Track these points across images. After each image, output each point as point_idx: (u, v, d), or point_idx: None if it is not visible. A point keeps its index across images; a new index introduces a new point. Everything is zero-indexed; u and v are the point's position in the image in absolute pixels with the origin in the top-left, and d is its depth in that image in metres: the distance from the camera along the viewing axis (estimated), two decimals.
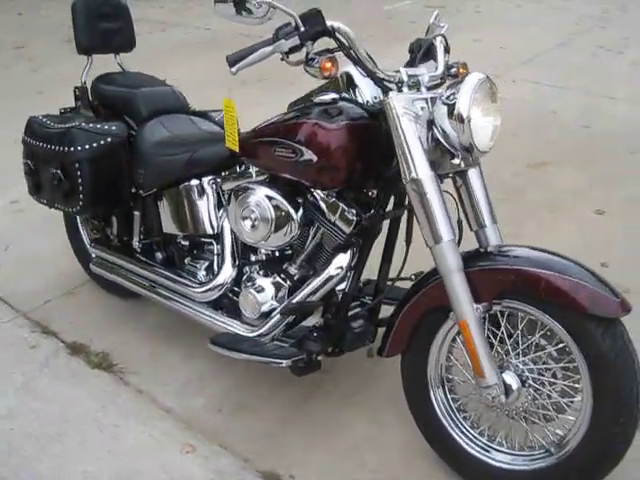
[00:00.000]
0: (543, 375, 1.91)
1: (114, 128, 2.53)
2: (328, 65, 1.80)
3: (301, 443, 2.27)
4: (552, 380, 1.90)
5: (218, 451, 2.24)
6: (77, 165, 2.48)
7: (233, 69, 1.86)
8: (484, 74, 1.89)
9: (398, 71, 1.96)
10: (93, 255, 2.83)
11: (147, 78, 2.81)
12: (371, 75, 1.93)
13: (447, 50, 2.22)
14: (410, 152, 1.86)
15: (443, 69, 2.11)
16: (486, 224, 2.03)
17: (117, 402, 2.46)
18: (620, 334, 1.78)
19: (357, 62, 1.90)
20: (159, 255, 2.63)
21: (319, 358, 2.19)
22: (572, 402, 1.90)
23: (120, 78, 2.76)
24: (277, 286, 2.25)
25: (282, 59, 1.86)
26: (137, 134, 2.55)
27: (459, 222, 2.07)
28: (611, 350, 1.76)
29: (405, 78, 1.95)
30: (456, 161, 1.93)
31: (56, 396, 2.49)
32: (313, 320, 2.26)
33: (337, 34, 1.86)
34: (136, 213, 2.63)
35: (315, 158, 2.01)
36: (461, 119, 1.81)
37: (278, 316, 2.21)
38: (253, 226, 2.18)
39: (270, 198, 2.14)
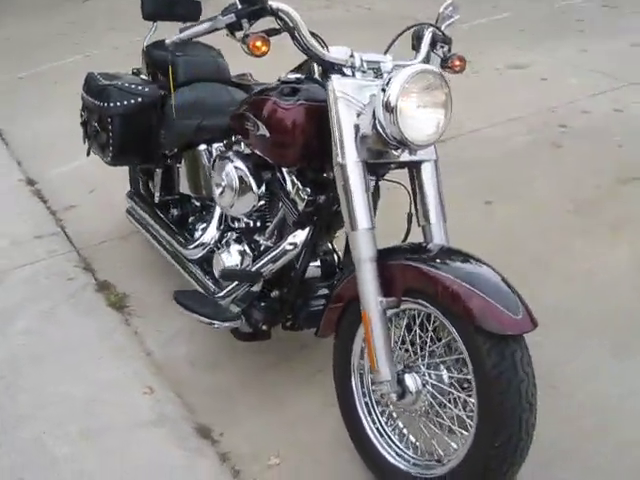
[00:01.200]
0: (442, 383, 1.84)
1: (147, 89, 2.74)
2: (258, 44, 1.84)
3: (247, 407, 2.36)
4: (450, 390, 1.83)
5: (171, 398, 2.40)
6: (109, 119, 2.72)
7: (167, 41, 1.96)
8: (429, 66, 1.85)
9: (352, 56, 1.96)
10: (127, 205, 3.09)
11: (200, 47, 2.97)
12: (315, 57, 1.94)
13: (446, 42, 2.18)
14: (341, 137, 1.87)
15: (422, 59, 2.08)
16: (432, 221, 1.99)
17: (113, 338, 2.70)
18: (510, 352, 1.68)
19: (300, 43, 1.92)
20: (174, 212, 2.82)
21: (264, 327, 2.26)
22: (470, 416, 1.82)
23: (183, 47, 2.95)
24: (243, 254, 2.34)
25: (226, 35, 1.93)
26: (167, 97, 2.73)
27: (409, 215, 2.05)
28: (495, 367, 1.68)
29: (358, 63, 1.95)
30: (395, 152, 1.91)
31: (68, 324, 2.78)
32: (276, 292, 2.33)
33: (280, 14, 1.89)
34: (157, 171, 2.83)
35: (268, 134, 2.08)
36: (389, 109, 1.78)
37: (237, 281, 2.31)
38: (222, 192, 2.29)
39: (237, 169, 2.24)
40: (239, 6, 1.86)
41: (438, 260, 1.81)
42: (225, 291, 2.33)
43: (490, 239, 3.09)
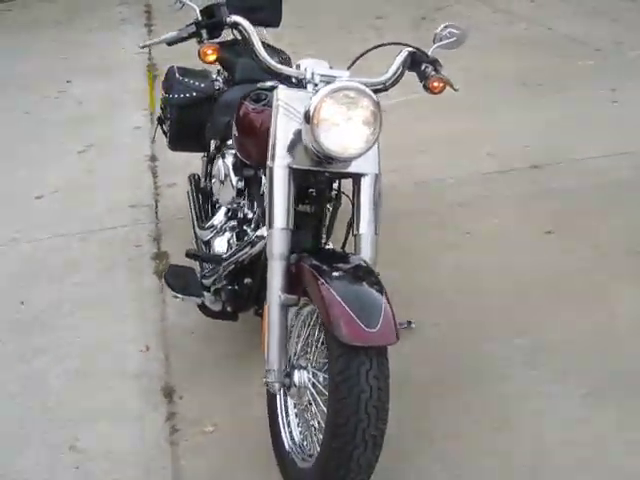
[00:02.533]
0: (319, 383, 1.95)
1: (202, 85, 3.05)
2: (208, 52, 2.07)
3: (218, 379, 2.60)
4: (324, 391, 1.93)
5: (159, 358, 2.71)
6: (170, 109, 3.08)
7: (140, 44, 2.23)
8: (353, 84, 1.94)
9: (305, 69, 2.11)
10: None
11: (270, 51, 3.21)
12: (266, 68, 2.11)
13: (430, 62, 2.25)
14: (274, 142, 2.04)
15: (389, 77, 2.18)
16: (362, 231, 2.08)
17: (143, 300, 3.06)
18: (357, 363, 1.75)
19: (253, 55, 2.11)
20: (210, 198, 3.11)
21: (228, 309, 2.47)
22: None
23: (240, 47, 3.24)
24: (229, 241, 2.57)
25: (198, 42, 2.16)
26: (219, 95, 3.02)
27: (349, 224, 2.16)
28: (339, 374, 1.77)
29: (308, 76, 2.09)
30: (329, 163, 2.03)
31: (115, 282, 3.19)
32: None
33: (237, 27, 2.10)
34: (204, 159, 3.13)
35: (237, 133, 2.30)
36: (308, 120, 1.92)
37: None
38: (214, 183, 2.54)
39: (224, 164, 2.48)
40: (199, 18, 2.09)
41: (330, 268, 1.92)
42: (206, 271, 2.57)
43: (531, 266, 3.11)
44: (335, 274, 1.89)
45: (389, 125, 4.63)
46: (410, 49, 2.25)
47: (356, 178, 2.11)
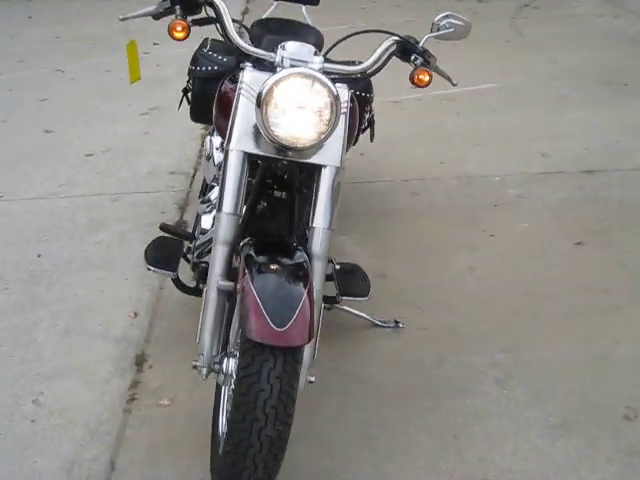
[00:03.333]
0: None
1: (225, 60, 3.02)
2: (177, 28, 2.03)
3: (192, 352, 2.59)
4: None
5: (142, 326, 2.75)
6: (192, 80, 3.08)
7: (120, 16, 2.21)
8: (310, 71, 1.87)
9: (275, 52, 2.05)
10: None
11: (298, 29, 3.16)
12: (236, 49, 2.07)
13: (420, 54, 2.15)
14: (232, 124, 2.00)
15: (369, 64, 2.10)
16: (315, 225, 2.02)
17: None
18: (260, 360, 1.71)
19: (224, 34, 2.06)
20: None
21: (200, 286, 2.46)
22: None
23: (273, 24, 3.19)
24: (214, 218, 2.56)
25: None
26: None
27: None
28: (243, 369, 1.73)
29: (278, 59, 2.03)
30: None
31: (129, 246, 3.26)
32: None
33: (213, 6, 2.05)
34: None
35: (215, 111, 2.28)
36: (258, 103, 1.87)
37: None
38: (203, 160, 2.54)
39: (210, 142, 2.47)
40: None
41: (264, 260, 1.87)
42: (192, 246, 2.58)
43: (546, 278, 2.95)
44: (264, 267, 1.84)
45: (449, 114, 4.56)
46: (396, 38, 2.14)
47: (319, 170, 2.03)
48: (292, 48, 2.08)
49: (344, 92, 2.03)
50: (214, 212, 2.55)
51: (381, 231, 3.35)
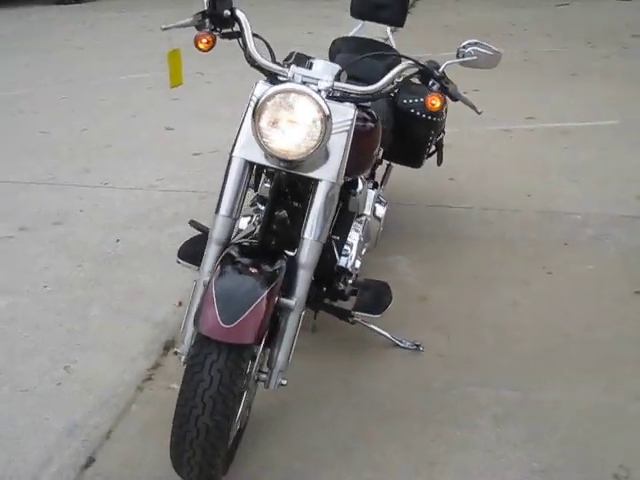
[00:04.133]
0: None
1: None
2: (203, 40, 2.19)
3: None
4: None
5: (181, 315, 2.92)
6: None
7: (163, 26, 2.37)
8: (300, 87, 1.96)
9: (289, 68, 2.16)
10: None
11: (375, 49, 3.23)
12: (255, 64, 2.19)
13: (437, 79, 2.18)
14: (238, 133, 2.14)
15: (377, 87, 2.15)
16: (305, 236, 2.10)
17: None
18: (205, 352, 1.82)
19: (244, 48, 2.19)
20: None
21: None
22: None
23: (350, 43, 3.29)
24: (248, 222, 2.69)
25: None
26: None
27: None
28: (190, 359, 1.86)
29: (290, 75, 2.14)
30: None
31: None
32: None
33: (238, 21, 2.19)
34: None
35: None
36: (253, 114, 2.00)
37: None
38: None
39: None
40: (206, 8, 2.22)
41: (237, 260, 1.99)
42: None
43: (589, 325, 2.83)
44: (232, 266, 1.96)
45: (557, 147, 4.42)
46: (410, 62, 2.18)
47: (316, 183, 2.11)
48: (317, 66, 2.19)
49: (349, 111, 2.09)
50: (249, 216, 2.70)
51: (440, 255, 3.34)
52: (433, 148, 3.30)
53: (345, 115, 2.09)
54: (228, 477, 2.12)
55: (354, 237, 2.71)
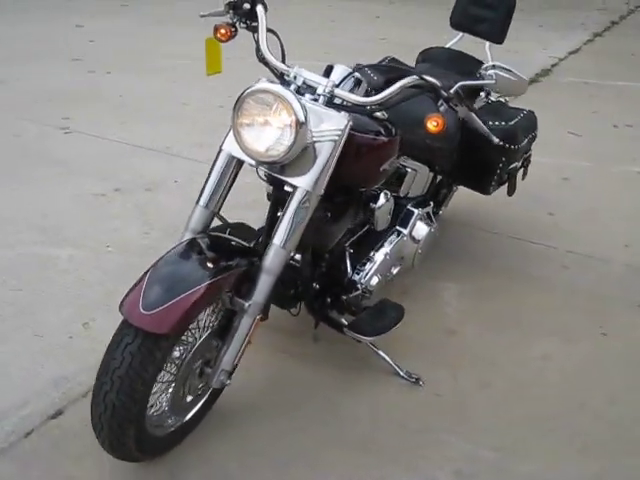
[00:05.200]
0: None
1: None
2: (222, 31, 2.21)
3: None
4: None
5: None
6: None
7: (201, 13, 2.38)
8: (275, 87, 1.92)
9: (292, 68, 2.13)
10: None
11: (461, 62, 3.07)
12: (263, 60, 2.17)
13: (447, 99, 2.07)
14: (230, 127, 2.14)
15: (378, 98, 2.07)
16: (273, 241, 2.08)
17: None
18: (122, 334, 1.87)
19: (256, 42, 2.18)
20: None
21: None
22: None
23: (437, 53, 3.14)
24: None
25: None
26: None
27: None
28: (111, 338, 1.91)
29: (292, 76, 2.11)
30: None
31: None
32: None
33: (256, 16, 2.18)
34: None
35: None
36: (233, 110, 2.00)
37: None
38: None
39: None
40: (247, 6, 2.22)
41: (192, 250, 2.01)
42: None
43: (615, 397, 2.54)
44: (179, 254, 1.99)
45: None
46: (415, 77, 2.05)
47: (294, 189, 2.07)
48: (335, 71, 2.14)
49: (341, 121, 2.02)
50: None
51: (494, 291, 3.13)
52: (504, 177, 3.08)
53: (336, 124, 2.02)
54: (160, 461, 2.16)
55: (378, 254, 2.62)
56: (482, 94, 3.16)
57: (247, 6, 2.21)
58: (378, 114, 2.23)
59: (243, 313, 2.08)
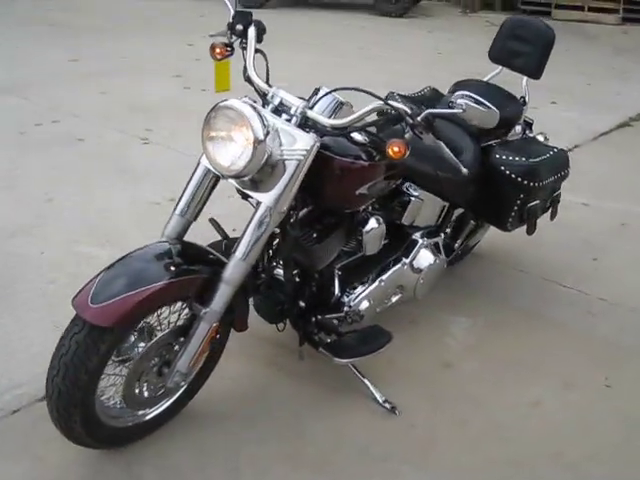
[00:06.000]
0: None
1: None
2: (217, 50, 2.32)
3: None
4: None
5: None
6: None
7: (210, 32, 2.49)
8: (237, 104, 2.00)
9: (272, 89, 2.21)
10: None
11: (493, 95, 3.03)
12: (248, 80, 2.27)
13: (413, 126, 2.09)
14: None
15: (343, 123, 2.15)
16: (236, 254, 2.16)
17: None
18: (73, 324, 2.01)
19: (245, 66, 2.27)
20: None
21: None
22: None
23: (470, 86, 3.10)
24: None
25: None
26: None
27: None
28: (63, 332, 2.04)
29: (270, 96, 2.20)
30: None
31: None
32: None
33: (248, 34, 2.29)
34: None
35: None
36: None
37: None
38: None
39: None
40: (231, 20, 2.34)
41: (155, 252, 2.14)
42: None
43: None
44: (140, 254, 2.13)
45: None
46: (380, 103, 2.08)
47: (258, 205, 2.14)
48: (321, 103, 2.20)
49: (308, 141, 2.09)
50: None
51: (506, 328, 3.06)
52: (524, 215, 3.00)
53: (303, 144, 2.09)
54: (119, 451, 2.27)
55: (373, 279, 2.64)
56: (517, 129, 3.17)
57: (240, 27, 2.32)
58: (359, 138, 2.27)
59: (200, 320, 2.16)
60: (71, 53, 7.39)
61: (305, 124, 2.15)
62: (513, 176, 2.87)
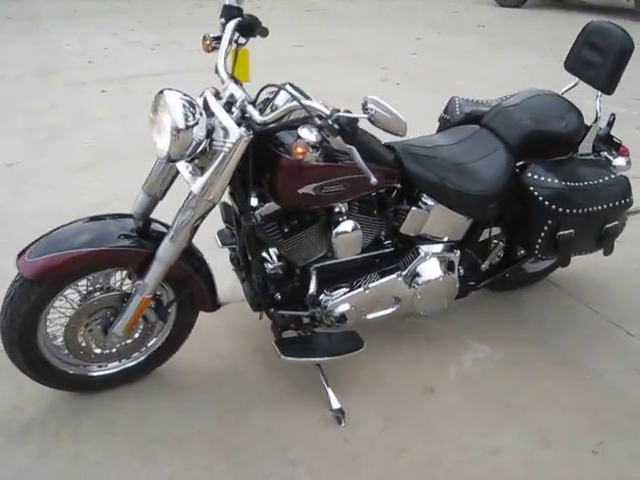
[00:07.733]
0: None
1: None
2: (206, 41, 2.41)
3: None
4: None
5: None
6: None
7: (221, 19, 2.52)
8: (168, 93, 2.10)
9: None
10: None
11: (545, 108, 2.74)
12: (217, 72, 2.34)
13: (323, 127, 2.06)
14: None
15: (264, 119, 2.15)
16: (167, 236, 2.30)
17: None
18: (16, 274, 2.28)
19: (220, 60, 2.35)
20: None
21: None
22: None
23: (527, 92, 2.85)
24: None
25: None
26: None
27: None
28: None
29: (223, 88, 2.28)
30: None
31: None
32: None
33: (226, 28, 2.36)
34: None
35: None
36: None
37: None
38: None
39: None
40: (222, 20, 2.42)
41: (98, 225, 2.37)
42: None
43: None
44: (85, 222, 2.37)
45: None
46: (295, 103, 2.05)
47: None
48: (279, 98, 2.24)
49: (234, 134, 2.14)
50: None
51: (522, 370, 2.77)
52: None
53: (230, 136, 2.13)
54: (73, 397, 2.53)
55: (359, 284, 2.57)
56: (585, 145, 2.80)
57: (222, 21, 2.39)
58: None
59: (136, 292, 2.32)
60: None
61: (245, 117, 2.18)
62: (540, 199, 2.58)
